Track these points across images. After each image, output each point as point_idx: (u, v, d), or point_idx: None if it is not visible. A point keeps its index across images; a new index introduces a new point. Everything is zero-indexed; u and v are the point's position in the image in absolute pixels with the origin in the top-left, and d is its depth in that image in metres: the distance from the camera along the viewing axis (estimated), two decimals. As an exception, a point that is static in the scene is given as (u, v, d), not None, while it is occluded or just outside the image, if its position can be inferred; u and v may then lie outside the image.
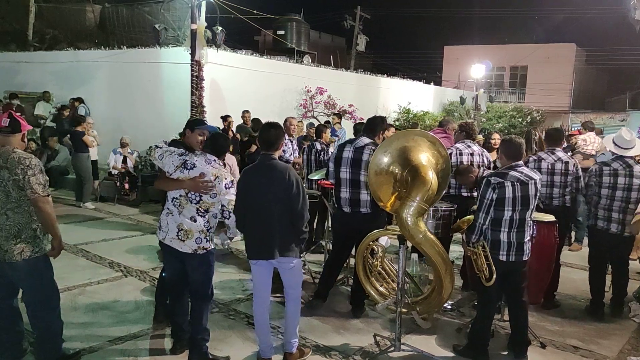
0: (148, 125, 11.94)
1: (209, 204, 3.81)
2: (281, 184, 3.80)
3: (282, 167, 3.90)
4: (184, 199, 3.80)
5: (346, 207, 4.92)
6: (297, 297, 4.12)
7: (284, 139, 4.14)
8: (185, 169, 3.82)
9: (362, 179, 4.80)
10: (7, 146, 3.58)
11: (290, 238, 3.89)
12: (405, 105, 18.26)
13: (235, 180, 3.96)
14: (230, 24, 13.68)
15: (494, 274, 4.01)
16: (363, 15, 26.81)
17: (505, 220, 4.02)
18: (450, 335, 4.70)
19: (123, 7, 16.73)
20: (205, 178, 3.77)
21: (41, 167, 3.61)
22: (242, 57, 13.66)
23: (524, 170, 4.12)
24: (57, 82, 13.99)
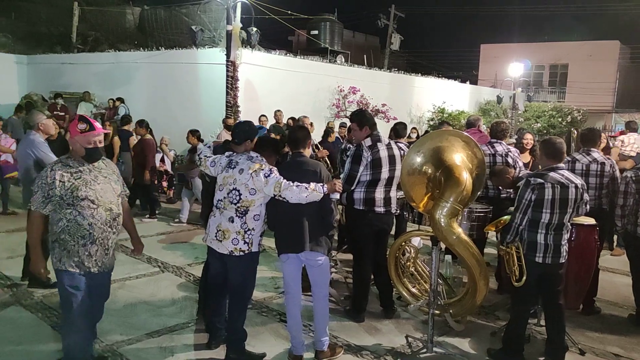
0: (185, 124, 12.10)
1: (248, 202, 3.85)
2: (312, 179, 3.91)
3: (313, 163, 4.07)
4: (227, 200, 3.89)
5: (380, 208, 4.79)
6: (325, 296, 4.16)
7: (311, 140, 4.25)
8: (230, 168, 3.95)
9: (396, 174, 4.76)
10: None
11: (320, 233, 3.98)
12: (439, 105, 18.06)
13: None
14: (264, 25, 13.83)
15: (524, 275, 3.95)
16: (397, 14, 26.63)
17: (542, 223, 3.95)
18: (484, 338, 4.64)
19: (161, 9, 17.07)
20: (245, 173, 3.85)
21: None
22: (276, 57, 13.77)
23: (565, 173, 4.03)
24: (98, 82, 14.41)
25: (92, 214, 3.43)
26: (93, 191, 3.44)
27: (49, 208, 3.41)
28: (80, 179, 3.42)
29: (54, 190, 3.36)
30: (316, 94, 13.92)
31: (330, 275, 4.43)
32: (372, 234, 4.86)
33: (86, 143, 3.45)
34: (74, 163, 3.47)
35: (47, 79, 15.62)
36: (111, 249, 3.61)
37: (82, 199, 3.39)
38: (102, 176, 3.54)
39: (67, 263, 3.42)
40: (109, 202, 3.52)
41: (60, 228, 3.41)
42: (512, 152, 5.97)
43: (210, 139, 10.73)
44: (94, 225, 3.44)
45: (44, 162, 5.14)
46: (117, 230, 3.63)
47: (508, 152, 5.94)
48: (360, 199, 4.75)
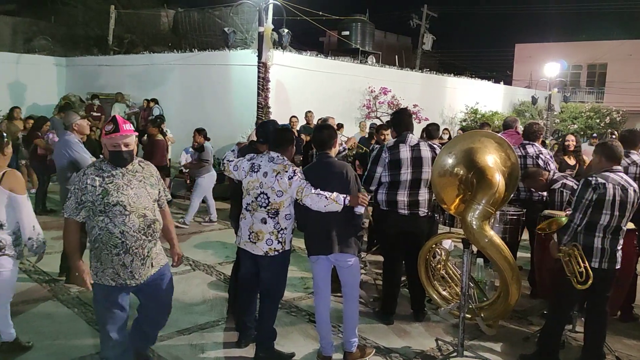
0: (217, 125, 12.30)
1: (277, 203, 3.87)
2: (339, 180, 3.89)
3: (340, 164, 4.02)
4: (256, 204, 3.91)
5: (404, 210, 4.76)
6: (355, 297, 4.14)
7: (337, 139, 4.20)
8: (253, 171, 3.94)
9: (424, 176, 4.71)
10: None
11: (349, 234, 3.95)
12: (472, 106, 17.82)
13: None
14: (295, 26, 13.89)
15: (591, 277, 3.79)
16: (430, 13, 26.38)
17: (600, 225, 3.83)
18: (517, 343, 4.55)
19: (195, 11, 17.32)
20: (269, 176, 3.86)
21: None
22: (307, 59, 13.81)
23: (623, 176, 3.92)
24: (133, 83, 14.71)
25: (124, 221, 3.19)
26: (125, 196, 3.19)
27: (83, 215, 3.21)
28: (111, 183, 3.20)
29: (86, 195, 3.17)
30: (346, 95, 13.91)
31: (360, 276, 4.40)
32: (399, 235, 4.82)
33: (110, 145, 3.22)
34: (107, 167, 3.26)
35: (84, 80, 16.04)
36: (148, 259, 3.33)
37: (113, 205, 3.16)
38: (137, 180, 3.31)
39: (102, 275, 3.22)
40: (142, 208, 3.26)
41: (93, 237, 3.21)
42: (543, 154, 5.85)
43: (241, 139, 10.85)
44: (126, 233, 3.19)
45: (79, 162, 5.25)
46: (154, 237, 3.36)
47: (539, 154, 5.82)
48: (383, 200, 4.80)
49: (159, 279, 3.45)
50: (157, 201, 3.44)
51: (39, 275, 5.64)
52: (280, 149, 3.99)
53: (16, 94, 15.37)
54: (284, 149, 4.00)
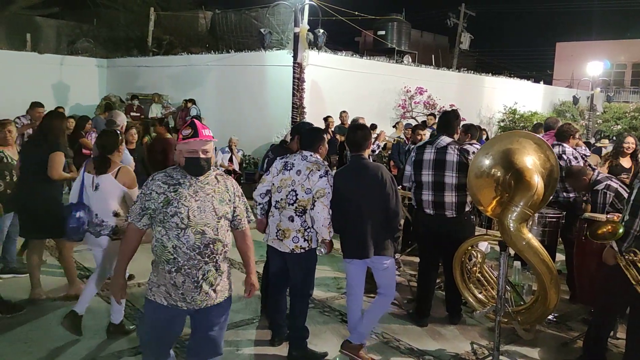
0: (253, 125, 12.45)
1: (305, 201, 3.88)
2: (374, 182, 3.86)
3: (374, 166, 3.99)
4: (284, 201, 3.93)
5: (429, 210, 4.74)
6: (390, 296, 4.10)
7: (371, 140, 4.19)
8: (286, 170, 3.97)
9: (447, 180, 4.64)
10: None
11: (385, 236, 3.93)
12: (511, 106, 17.47)
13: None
14: (331, 26, 13.91)
15: None
16: (468, 12, 26.01)
17: None
18: (555, 349, 4.45)
19: (232, 12, 17.53)
20: (302, 174, 3.88)
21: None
22: (342, 59, 13.81)
23: None
24: (172, 84, 15.01)
25: (178, 235, 2.85)
26: (185, 208, 2.86)
27: (144, 222, 2.95)
28: (175, 192, 2.89)
29: (150, 202, 2.90)
30: (382, 94, 13.85)
31: (396, 278, 4.36)
32: (429, 235, 4.80)
33: (186, 151, 2.89)
34: (177, 174, 2.96)
35: (124, 81, 16.45)
36: (204, 283, 2.92)
37: (171, 216, 2.85)
38: (204, 193, 2.94)
39: (156, 291, 2.94)
40: (202, 224, 2.88)
41: (152, 247, 2.95)
42: (566, 154, 5.76)
43: (276, 139, 10.94)
44: (178, 249, 2.86)
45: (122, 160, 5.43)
46: (213, 260, 2.95)
47: (562, 154, 5.71)
48: (414, 198, 4.92)
49: (216, 313, 3.03)
50: (227, 220, 3.03)
51: (80, 270, 5.81)
52: (311, 148, 4.01)
53: (60, 94, 15.89)
54: (314, 149, 4.02)
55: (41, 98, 14.17)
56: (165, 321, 2.97)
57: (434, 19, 29.56)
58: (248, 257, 3.23)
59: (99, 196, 4.23)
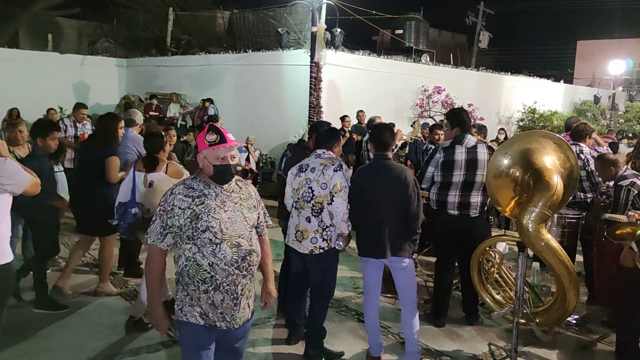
0: (270, 124, 12.48)
1: (321, 197, 3.88)
2: (397, 184, 3.83)
3: (398, 167, 3.95)
4: (302, 200, 3.95)
5: (454, 210, 4.69)
6: (412, 302, 4.03)
7: (395, 140, 4.16)
8: (302, 171, 4.01)
9: (478, 179, 4.62)
10: None
11: (403, 238, 3.90)
12: (530, 105, 17.27)
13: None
14: (348, 25, 13.88)
15: None
16: (487, 11, 25.76)
17: None
18: (574, 351, 4.39)
19: (249, 12, 17.62)
20: (316, 170, 3.90)
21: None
22: (359, 58, 13.77)
23: None
24: (190, 84, 15.13)
25: (214, 251, 2.65)
26: (217, 221, 2.66)
27: (168, 241, 2.69)
28: (202, 204, 2.67)
29: (173, 219, 2.66)
30: (399, 94, 13.78)
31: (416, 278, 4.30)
32: (449, 236, 4.74)
33: (215, 159, 2.69)
34: (198, 185, 2.74)
35: (143, 80, 16.62)
36: (243, 298, 2.76)
37: (202, 231, 2.64)
38: (232, 202, 2.76)
39: (190, 313, 2.70)
40: (236, 236, 2.71)
41: (180, 268, 2.72)
42: (583, 153, 5.71)
43: (293, 139, 10.96)
44: (215, 266, 2.65)
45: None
46: (250, 272, 2.80)
47: (579, 154, 5.65)
48: (434, 200, 4.77)
49: (244, 326, 2.87)
50: (255, 227, 2.89)
51: (99, 267, 5.88)
52: (326, 147, 4.04)
53: (80, 94, 16.11)
54: (329, 148, 4.04)
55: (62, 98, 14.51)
56: (204, 343, 2.75)
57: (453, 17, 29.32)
58: (266, 264, 3.07)
59: (153, 192, 4.49)
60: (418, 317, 4.04)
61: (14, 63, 14.99)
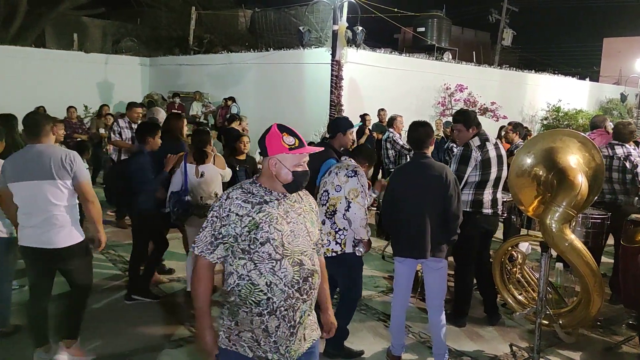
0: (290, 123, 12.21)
1: (335, 199, 3.87)
2: (438, 183, 3.76)
3: (438, 166, 3.85)
4: (319, 202, 3.95)
5: (487, 210, 4.62)
6: (441, 304, 3.97)
7: (434, 138, 4.10)
8: (327, 174, 4.04)
9: (503, 175, 4.60)
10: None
11: (442, 238, 3.84)
12: (555, 103, 17.01)
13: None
14: (370, 23, 13.84)
15: None
16: (510, 8, 25.41)
17: None
18: (598, 353, 4.32)
19: (271, 11, 17.68)
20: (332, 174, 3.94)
21: None
22: (380, 56, 13.73)
23: None
24: (212, 82, 15.26)
25: (273, 269, 2.28)
26: (279, 233, 2.30)
27: (219, 254, 2.33)
28: (263, 212, 2.31)
29: (228, 227, 2.30)
30: (421, 92, 13.70)
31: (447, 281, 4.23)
32: (478, 237, 4.69)
33: (294, 164, 2.37)
34: (258, 190, 2.38)
35: (166, 79, 16.82)
36: (300, 327, 2.37)
37: (262, 244, 2.27)
38: (295, 213, 2.41)
39: (237, 340, 2.34)
40: (299, 252, 2.35)
41: (229, 286, 2.34)
42: (632, 156, 5.54)
43: (314, 137, 10.97)
44: (274, 286, 2.28)
45: None
46: (311, 297, 2.40)
47: (628, 156, 5.50)
48: (468, 200, 4.58)
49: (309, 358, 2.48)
50: (316, 246, 2.51)
51: (122, 264, 5.98)
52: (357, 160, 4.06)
53: (104, 92, 16.39)
54: (361, 163, 4.07)
55: (87, 96, 14.78)
56: None
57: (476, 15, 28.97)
58: (324, 288, 2.66)
59: (204, 182, 4.99)
60: (445, 319, 4.01)
61: (41, 62, 15.33)
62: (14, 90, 13.62)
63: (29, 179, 3.53)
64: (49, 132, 3.69)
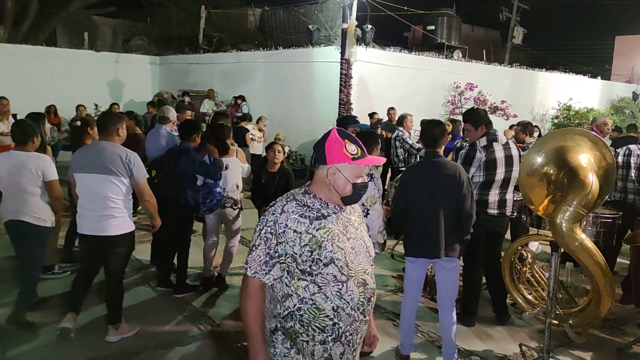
0: (300, 121, 12.53)
1: None
2: (451, 183, 3.74)
3: (451, 165, 3.83)
4: None
5: (494, 210, 4.62)
6: (453, 304, 3.96)
7: (447, 137, 4.09)
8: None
9: (514, 175, 4.56)
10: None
11: (455, 238, 3.82)
12: (565, 102, 16.88)
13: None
14: (380, 21, 13.80)
15: None
16: (521, 6, 25.22)
17: None
18: (609, 354, 4.30)
19: (280, 9, 17.70)
20: None
21: None
22: (390, 54, 13.68)
23: None
24: (221, 81, 15.30)
25: (340, 292, 2.10)
26: (342, 251, 2.13)
27: (275, 274, 2.12)
28: (323, 229, 2.13)
29: (285, 245, 2.09)
30: (430, 90, 13.65)
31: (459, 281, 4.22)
32: (484, 236, 4.66)
33: (356, 176, 2.19)
34: (313, 202, 2.18)
35: (176, 78, 16.89)
36: (357, 348, 2.24)
37: (325, 265, 2.09)
38: (353, 227, 2.24)
39: None
40: (362, 271, 2.19)
41: (286, 310, 2.12)
42: (633, 153, 5.56)
43: (323, 135, 10.96)
44: (340, 310, 2.10)
45: None
46: (370, 317, 2.29)
47: (631, 153, 5.51)
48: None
49: None
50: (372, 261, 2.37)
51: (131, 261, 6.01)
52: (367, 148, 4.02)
53: (115, 91, 16.49)
54: (368, 151, 4.02)
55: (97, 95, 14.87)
56: None
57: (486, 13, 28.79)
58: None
59: (228, 174, 5.29)
60: (456, 318, 3.99)
61: (52, 61, 15.45)
62: (25, 88, 13.73)
63: (88, 171, 3.96)
64: (114, 133, 4.05)
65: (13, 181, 4.16)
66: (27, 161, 4.18)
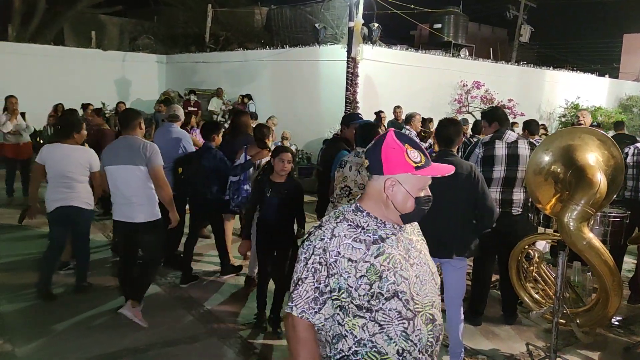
0: (306, 119, 12.53)
1: (359, 194, 3.88)
2: (465, 182, 3.72)
3: (465, 164, 3.81)
4: (340, 195, 3.98)
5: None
6: (460, 303, 3.94)
7: (462, 137, 4.08)
8: (341, 167, 4.10)
9: (519, 175, 4.53)
10: None
11: (469, 237, 3.81)
12: (573, 101, 16.79)
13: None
14: (386, 20, 13.77)
15: None
16: (528, 4, 25.09)
17: None
18: (616, 353, 4.28)
19: (287, 8, 17.69)
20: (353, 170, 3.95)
21: None
22: (396, 53, 13.65)
23: None
24: (228, 79, 15.31)
25: (405, 332, 1.74)
26: (405, 282, 1.76)
27: (327, 312, 1.75)
28: (383, 255, 1.77)
29: (339, 278, 1.73)
30: (437, 89, 13.60)
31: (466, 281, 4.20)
32: (490, 234, 4.65)
33: (419, 188, 1.88)
34: (367, 221, 1.82)
35: (182, 76, 16.93)
36: None
37: (387, 299, 1.73)
38: (415, 250, 1.89)
39: None
40: (429, 304, 1.82)
41: (339, 353, 1.77)
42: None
43: (329, 134, 10.97)
44: (407, 354, 1.75)
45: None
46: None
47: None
48: None
49: None
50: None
51: (140, 259, 6.05)
52: (364, 144, 4.01)
53: (122, 89, 16.55)
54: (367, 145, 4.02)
55: (104, 93, 14.93)
56: None
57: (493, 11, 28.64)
58: None
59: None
60: (463, 317, 3.99)
61: (59, 60, 15.52)
62: (32, 87, 13.80)
63: (116, 163, 4.37)
64: (136, 127, 4.47)
65: (62, 171, 4.75)
66: (74, 153, 4.84)
